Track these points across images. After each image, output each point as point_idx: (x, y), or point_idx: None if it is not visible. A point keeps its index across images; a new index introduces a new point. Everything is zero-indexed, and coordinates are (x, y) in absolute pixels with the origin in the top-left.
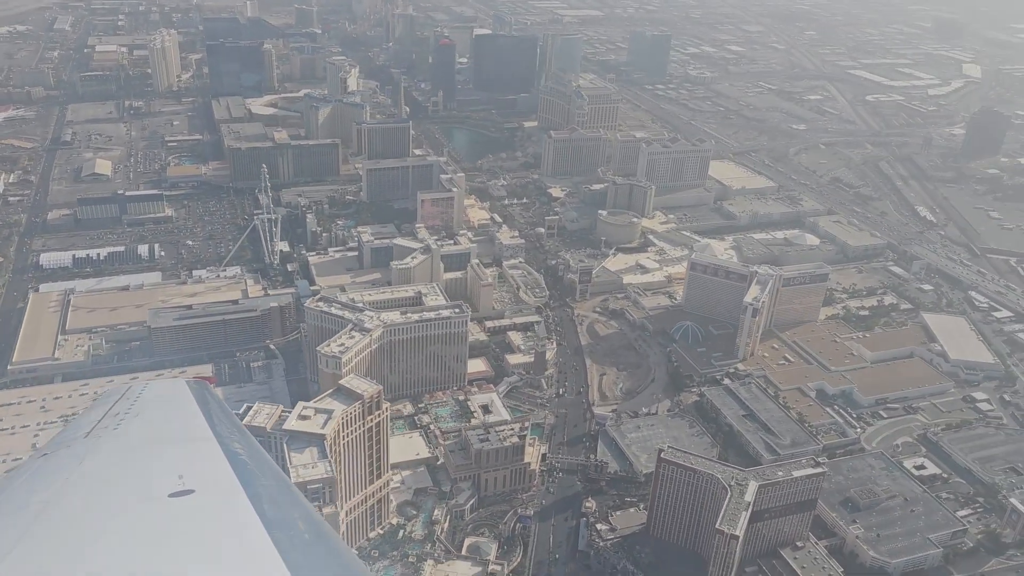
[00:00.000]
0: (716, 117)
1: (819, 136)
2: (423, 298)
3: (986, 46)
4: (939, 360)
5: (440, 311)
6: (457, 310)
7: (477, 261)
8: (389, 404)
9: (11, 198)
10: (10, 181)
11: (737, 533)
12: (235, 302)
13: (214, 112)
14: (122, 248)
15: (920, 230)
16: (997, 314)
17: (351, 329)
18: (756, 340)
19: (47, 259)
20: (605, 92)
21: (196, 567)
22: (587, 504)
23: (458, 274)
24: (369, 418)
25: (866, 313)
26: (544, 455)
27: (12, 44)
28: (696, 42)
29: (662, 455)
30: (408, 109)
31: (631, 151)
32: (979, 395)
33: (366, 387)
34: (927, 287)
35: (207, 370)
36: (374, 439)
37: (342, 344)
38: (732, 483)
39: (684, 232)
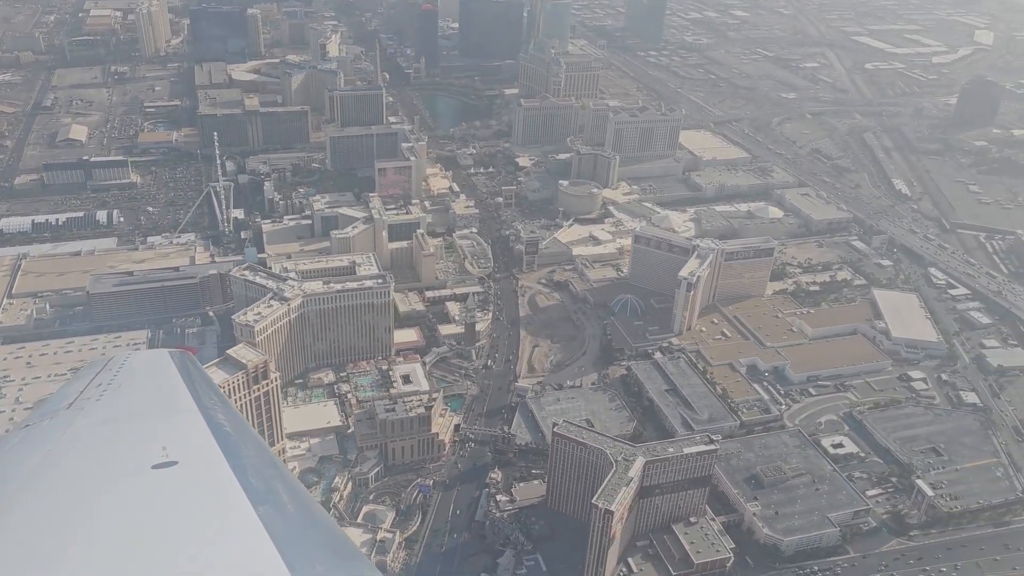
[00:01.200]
0: (705, 85)
1: (807, 105)
2: (357, 268)
3: (1005, 11)
4: (881, 338)
5: (363, 281)
6: (380, 280)
7: (422, 231)
8: (278, 373)
9: None
10: None
11: (612, 508)
12: (176, 269)
13: (196, 78)
14: (82, 214)
15: (892, 204)
16: (954, 291)
17: (270, 298)
18: (693, 314)
19: (7, 224)
20: (585, 59)
21: (179, 538)
22: (492, 475)
23: (404, 244)
24: (256, 387)
25: (816, 288)
26: (458, 426)
27: (11, 8)
28: (699, 7)
29: (555, 429)
30: (387, 75)
31: (602, 120)
32: (916, 374)
33: (252, 356)
34: (886, 263)
35: (142, 336)
36: (263, 408)
37: (258, 313)
38: (619, 458)
39: (646, 204)
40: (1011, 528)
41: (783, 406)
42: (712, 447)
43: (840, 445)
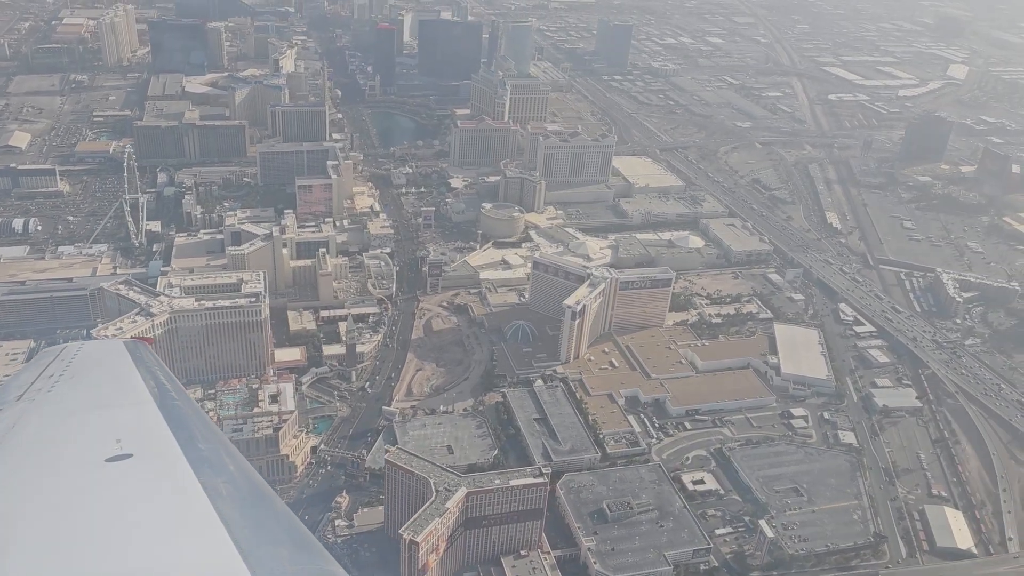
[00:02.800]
0: (661, 111)
1: (760, 135)
2: (244, 285)
3: (985, 46)
4: (772, 373)
5: (236, 299)
6: (254, 299)
7: (324, 250)
8: None
9: None
10: None
11: (418, 539)
12: (70, 280)
13: (150, 89)
14: None
15: (819, 237)
16: (859, 328)
17: (136, 313)
18: (582, 343)
19: None
20: (533, 83)
21: (134, 534)
22: (339, 499)
23: (307, 262)
24: None
25: (719, 321)
26: (315, 448)
27: None
28: (676, 32)
29: (386, 456)
30: (339, 92)
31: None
32: (798, 411)
33: None
34: (798, 297)
35: (24, 346)
36: None
37: (119, 328)
38: (441, 488)
39: (568, 229)
40: (855, 573)
41: (654, 439)
42: (541, 480)
43: (701, 481)
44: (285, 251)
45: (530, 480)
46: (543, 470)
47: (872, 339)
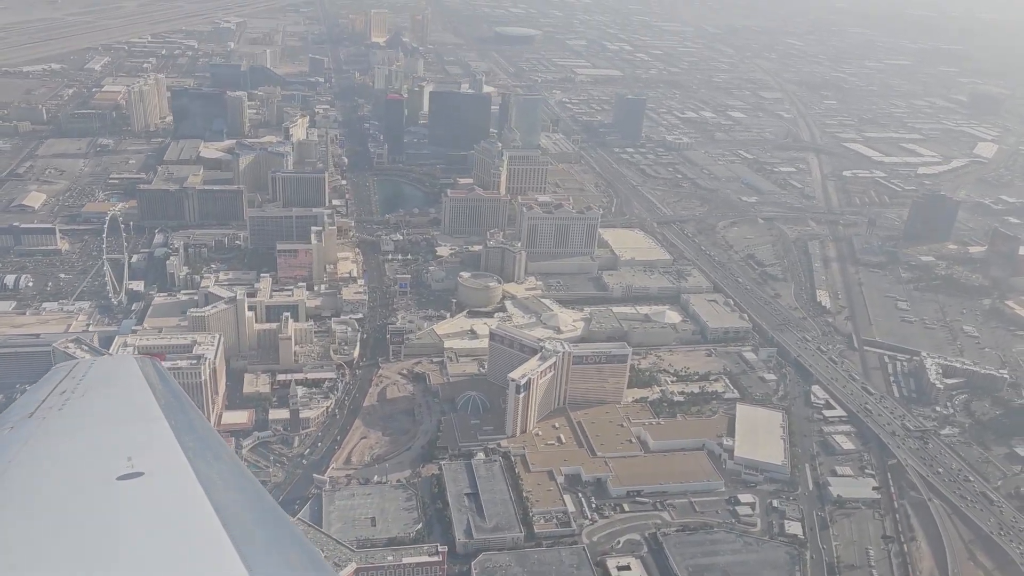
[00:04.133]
0: (667, 184)
1: (764, 210)
2: (196, 347)
3: (1020, 124)
4: (725, 456)
5: (176, 361)
6: (194, 361)
7: (287, 314)
8: None
9: None
10: None
11: None
12: (37, 336)
13: (167, 153)
14: None
15: (804, 316)
16: (829, 412)
17: None
18: (530, 417)
19: None
20: (531, 154)
21: (144, 553)
22: None
23: (273, 325)
24: None
25: (681, 399)
26: None
27: (37, 81)
28: (698, 106)
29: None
30: (345, 160)
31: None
32: (746, 498)
33: None
34: (770, 377)
35: None
36: None
37: None
38: (332, 562)
39: (544, 300)
40: None
41: (588, 520)
42: (435, 559)
43: (627, 567)
44: (251, 314)
45: (424, 558)
46: (439, 548)
47: (841, 424)
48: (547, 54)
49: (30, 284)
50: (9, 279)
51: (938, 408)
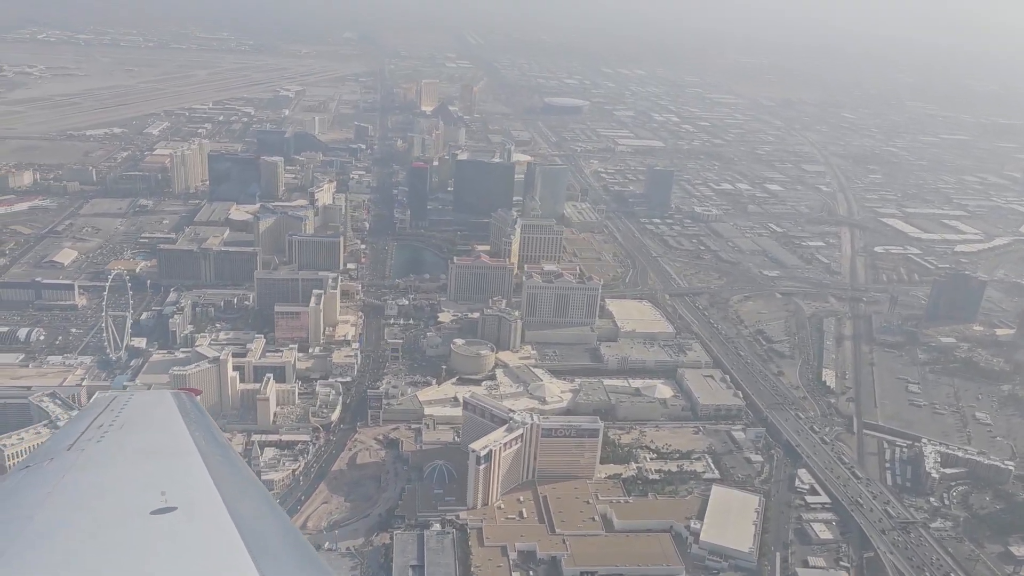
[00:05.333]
0: (688, 256)
1: (784, 284)
2: None
3: None
4: (691, 539)
5: None
6: None
7: (269, 376)
8: None
9: None
10: None
11: None
12: (28, 388)
13: (199, 215)
14: (5, 329)
15: (804, 396)
16: (812, 498)
17: (43, 424)
18: (492, 489)
19: None
20: (546, 223)
21: None
22: None
23: (255, 386)
24: None
25: (657, 477)
26: None
27: (94, 144)
28: (734, 178)
29: None
30: (367, 225)
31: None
32: None
33: None
34: (757, 458)
35: None
36: None
37: (20, 438)
38: None
39: (536, 370)
40: None
41: None
42: None
43: None
44: (235, 374)
45: None
46: None
47: (823, 512)
48: (592, 124)
49: (41, 337)
50: (22, 332)
51: (932, 499)
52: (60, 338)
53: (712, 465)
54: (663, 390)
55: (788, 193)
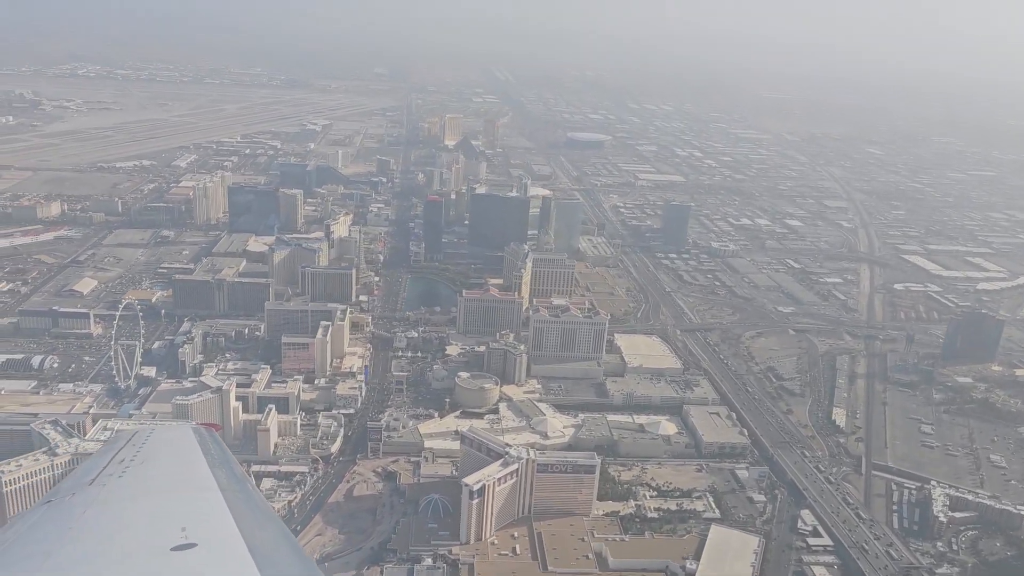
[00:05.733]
0: (702, 291)
1: (799, 321)
2: None
3: None
4: None
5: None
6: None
7: (271, 407)
8: None
9: None
10: (3, 288)
11: None
12: (35, 415)
13: (218, 246)
14: (20, 356)
15: (812, 435)
16: (814, 540)
17: (42, 451)
18: (486, 524)
19: None
20: (557, 257)
21: None
22: None
23: (258, 416)
24: None
25: (655, 516)
26: None
27: (126, 176)
28: (756, 214)
29: None
30: (381, 257)
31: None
32: None
33: None
34: (759, 498)
35: None
36: None
37: (18, 464)
38: None
39: (540, 404)
40: None
41: None
42: None
43: None
44: (238, 404)
45: None
46: None
47: (824, 555)
48: (614, 159)
49: (55, 365)
50: (36, 359)
51: (939, 544)
52: (73, 366)
53: (713, 504)
54: (667, 427)
55: (808, 229)
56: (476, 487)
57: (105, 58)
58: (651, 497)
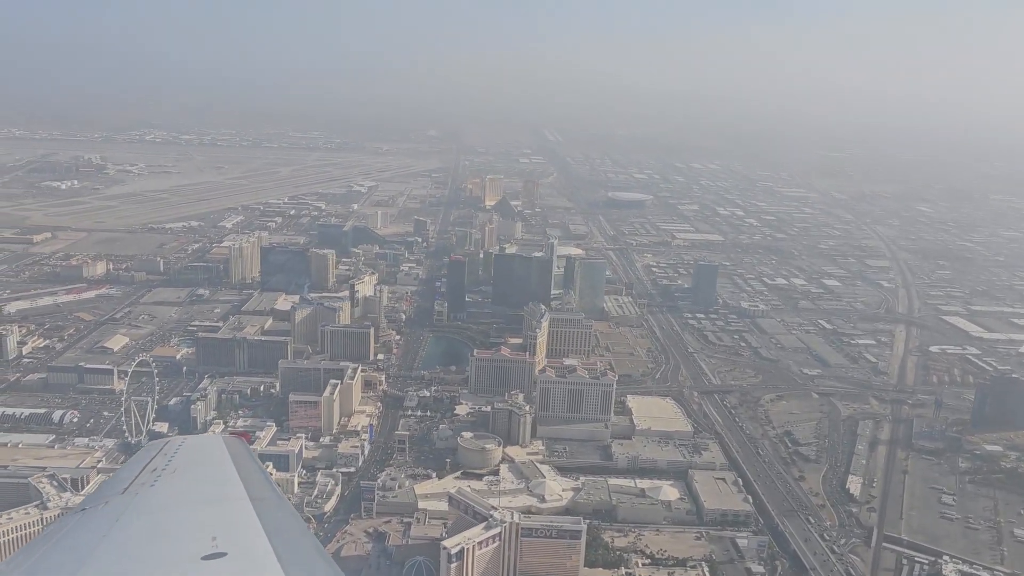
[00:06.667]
0: (726, 352)
1: (823, 384)
2: None
3: None
4: None
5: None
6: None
7: (268, 464)
8: None
9: (25, 359)
10: (38, 344)
11: None
12: (43, 469)
13: (247, 304)
14: (43, 411)
15: (823, 503)
16: None
17: (34, 505)
18: None
19: None
20: (575, 317)
21: None
22: None
23: None
24: None
25: None
26: None
27: (174, 236)
28: (792, 274)
29: None
30: (403, 316)
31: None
32: None
33: None
34: (757, 569)
35: None
36: None
37: (9, 516)
38: None
39: (543, 466)
40: None
41: None
42: None
43: None
44: None
45: None
46: None
47: None
48: (653, 218)
49: (75, 419)
50: (57, 414)
51: None
52: (92, 420)
53: (708, 574)
54: (669, 492)
55: (845, 289)
56: (455, 550)
57: (172, 124)
58: (643, 565)
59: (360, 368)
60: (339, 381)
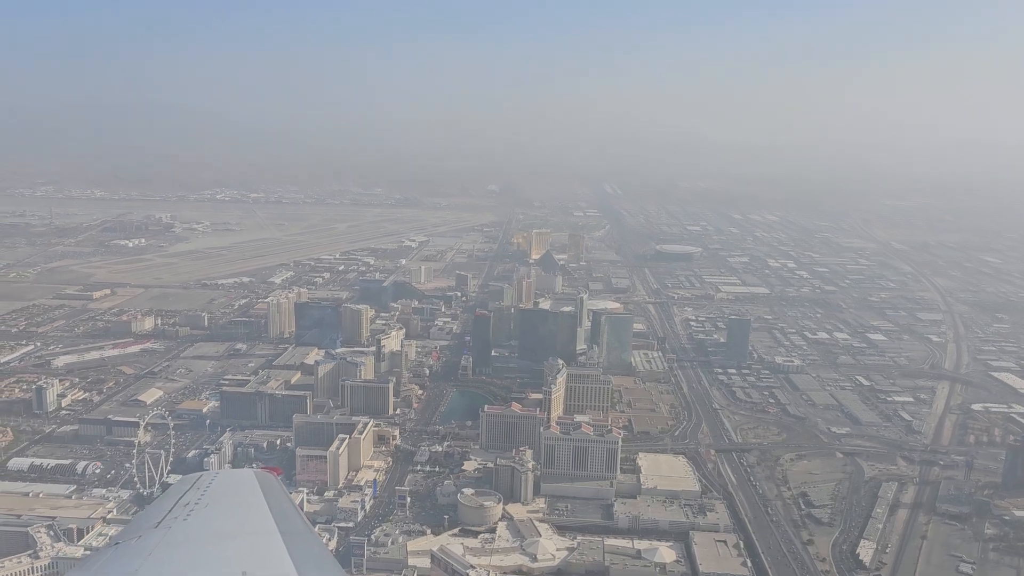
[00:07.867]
0: (751, 409)
1: (850, 444)
2: None
3: None
4: None
5: None
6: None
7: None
8: None
9: (63, 411)
10: (77, 397)
11: None
12: (53, 519)
13: (279, 359)
14: (68, 461)
15: (827, 569)
16: None
17: (26, 554)
18: None
19: (14, 463)
20: (592, 372)
21: None
22: None
23: None
24: None
25: None
26: None
27: (223, 291)
28: (833, 327)
29: None
30: (427, 371)
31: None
32: None
33: None
34: None
35: None
36: None
37: (1, 565)
38: None
39: (539, 524)
40: None
41: None
42: None
43: None
44: None
45: None
46: None
47: None
48: (700, 271)
49: (97, 470)
50: (80, 465)
51: None
52: (113, 471)
53: None
54: (665, 553)
55: (890, 343)
56: None
57: (244, 183)
58: None
59: (372, 422)
60: (347, 436)
